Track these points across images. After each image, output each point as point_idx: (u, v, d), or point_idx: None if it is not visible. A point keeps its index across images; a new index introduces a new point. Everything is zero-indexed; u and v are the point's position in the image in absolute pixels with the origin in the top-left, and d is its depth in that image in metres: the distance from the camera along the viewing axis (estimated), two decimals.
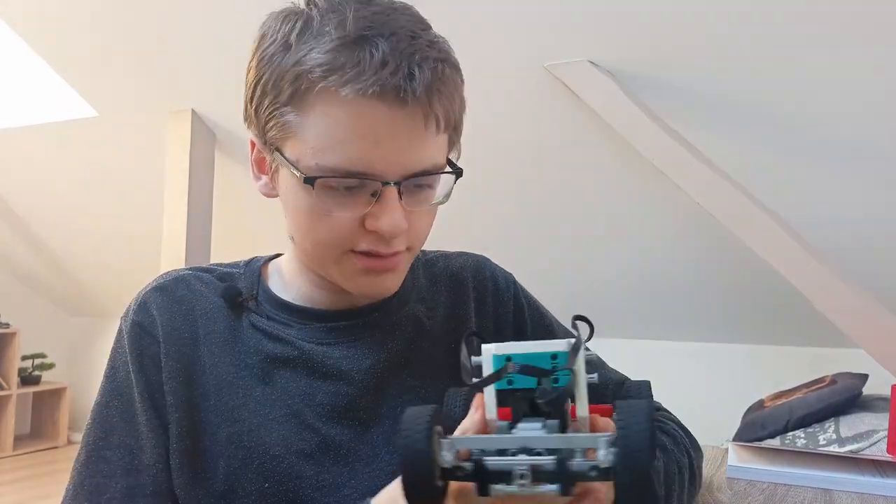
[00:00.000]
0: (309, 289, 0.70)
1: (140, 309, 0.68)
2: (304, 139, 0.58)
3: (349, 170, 0.57)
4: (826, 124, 1.81)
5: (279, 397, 0.65)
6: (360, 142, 0.57)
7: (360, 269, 0.62)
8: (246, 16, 2.06)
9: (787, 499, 0.82)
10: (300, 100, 0.57)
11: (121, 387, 0.66)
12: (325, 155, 0.57)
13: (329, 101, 0.56)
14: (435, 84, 0.57)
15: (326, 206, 0.59)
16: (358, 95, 0.55)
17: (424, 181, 0.61)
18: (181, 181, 2.57)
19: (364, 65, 0.55)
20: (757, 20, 1.65)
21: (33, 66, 2.63)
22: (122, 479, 0.64)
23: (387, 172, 0.58)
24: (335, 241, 0.61)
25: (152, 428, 0.64)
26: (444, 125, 0.60)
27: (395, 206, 0.59)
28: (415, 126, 0.58)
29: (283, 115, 0.59)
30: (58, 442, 4.12)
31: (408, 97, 0.56)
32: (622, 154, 2.05)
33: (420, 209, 0.62)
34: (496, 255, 0.85)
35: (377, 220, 0.59)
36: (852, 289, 1.58)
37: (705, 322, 2.58)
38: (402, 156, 0.58)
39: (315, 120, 0.57)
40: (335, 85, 0.55)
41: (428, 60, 0.57)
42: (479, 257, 0.82)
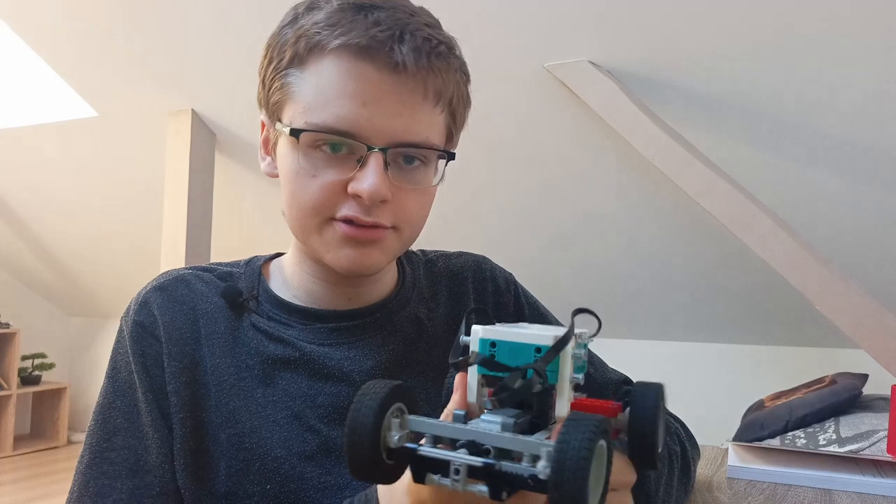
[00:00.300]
0: (309, 282, 0.70)
1: (141, 309, 0.67)
2: (298, 100, 0.60)
3: (334, 127, 0.58)
4: (826, 124, 1.81)
5: (280, 399, 0.65)
6: (347, 100, 0.58)
7: (340, 238, 0.62)
8: (246, 16, 2.07)
9: (787, 499, 0.82)
10: (299, 61, 0.60)
11: (123, 387, 0.66)
12: (314, 112, 0.59)
13: (322, 58, 0.58)
14: (426, 52, 0.58)
15: (313, 167, 0.60)
16: (345, 50, 0.57)
17: (415, 154, 0.61)
18: (181, 181, 2.57)
19: (357, 23, 0.57)
20: (757, 20, 1.65)
21: (33, 66, 2.63)
22: (128, 480, 0.63)
23: (373, 136, 0.58)
24: (317, 204, 0.61)
25: (157, 428, 0.64)
26: (434, 99, 0.61)
27: (377, 171, 0.58)
28: (404, 93, 0.58)
29: (285, 77, 0.61)
30: (58, 442, 4.12)
31: (395, 57, 0.57)
32: (622, 154, 2.05)
33: (407, 186, 0.62)
34: (495, 255, 0.85)
35: (358, 184, 0.59)
36: (853, 289, 1.58)
37: (705, 322, 2.58)
38: (390, 122, 0.59)
39: (308, 79, 0.59)
40: (327, 40, 0.58)
41: (421, 31, 0.59)
42: (479, 257, 0.81)
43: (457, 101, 0.64)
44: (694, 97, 1.87)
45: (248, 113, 2.49)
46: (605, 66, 1.88)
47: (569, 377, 0.45)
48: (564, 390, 0.44)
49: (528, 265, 2.49)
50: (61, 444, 4.12)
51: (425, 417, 0.43)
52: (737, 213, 1.70)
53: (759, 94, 1.80)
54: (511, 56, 1.92)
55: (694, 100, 1.88)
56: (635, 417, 0.45)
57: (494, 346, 0.46)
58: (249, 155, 2.68)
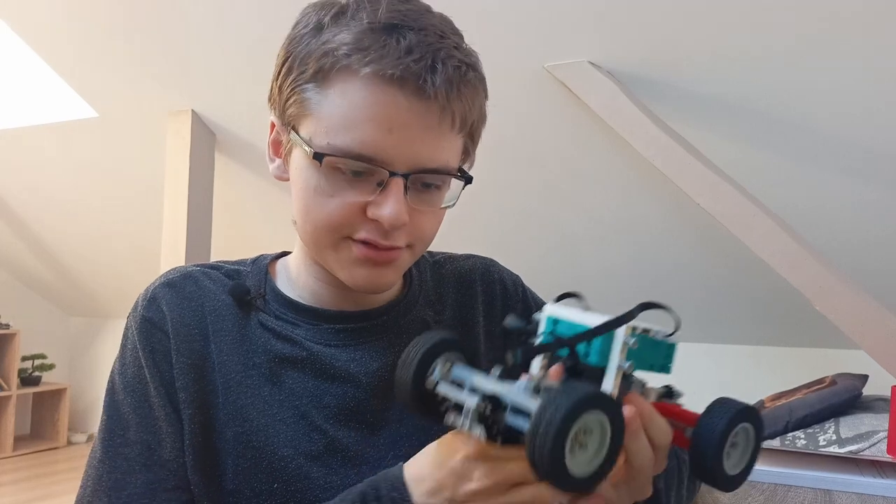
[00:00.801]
0: (315, 284, 0.70)
1: (150, 304, 0.67)
2: (320, 118, 0.58)
3: (359, 153, 0.57)
4: (826, 124, 1.81)
5: (286, 398, 0.65)
6: (374, 126, 0.57)
7: (356, 258, 0.62)
8: (246, 16, 2.07)
9: (787, 499, 0.82)
10: (322, 78, 0.58)
11: (133, 382, 0.66)
12: (338, 135, 0.57)
13: (349, 80, 0.57)
14: (456, 82, 0.58)
15: (332, 187, 0.59)
16: (377, 77, 0.56)
17: (432, 180, 0.61)
18: (181, 181, 2.57)
19: (389, 49, 0.56)
20: (757, 21, 1.65)
21: (33, 66, 2.63)
22: (142, 474, 0.63)
23: (395, 163, 0.58)
24: (335, 224, 0.60)
25: (171, 422, 0.64)
26: (459, 126, 0.60)
27: (398, 197, 0.58)
28: (430, 121, 0.58)
29: (304, 92, 0.59)
30: (58, 442, 4.12)
31: (427, 88, 0.56)
32: (622, 154, 2.05)
33: (424, 209, 0.62)
34: (496, 255, 0.85)
35: (379, 209, 0.58)
36: (852, 289, 1.58)
37: (705, 323, 2.58)
38: (414, 148, 0.58)
39: (333, 99, 0.58)
40: (357, 64, 0.56)
41: (453, 59, 0.58)
42: (487, 260, 0.81)
43: (476, 122, 0.64)
44: (694, 97, 1.87)
45: (248, 113, 2.49)
46: (605, 66, 1.88)
47: (616, 361, 0.46)
48: (611, 374, 0.46)
49: (527, 265, 2.49)
50: (61, 444, 4.12)
51: (469, 368, 0.49)
52: (737, 213, 1.70)
53: (759, 94, 1.80)
54: (511, 56, 1.92)
55: (694, 100, 1.87)
56: (698, 433, 0.46)
57: (557, 323, 0.49)
58: (249, 155, 2.68)
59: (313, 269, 0.69)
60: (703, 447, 0.46)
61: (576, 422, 0.39)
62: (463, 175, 0.64)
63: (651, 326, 0.47)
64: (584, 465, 0.41)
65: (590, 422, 0.41)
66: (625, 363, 0.46)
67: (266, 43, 2.09)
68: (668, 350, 0.49)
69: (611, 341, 0.46)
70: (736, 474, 0.48)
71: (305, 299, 0.70)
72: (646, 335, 0.47)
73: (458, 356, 0.51)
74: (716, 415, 0.47)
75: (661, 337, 0.48)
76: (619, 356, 0.46)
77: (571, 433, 0.39)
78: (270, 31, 2.14)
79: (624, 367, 0.46)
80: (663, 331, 0.48)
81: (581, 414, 0.39)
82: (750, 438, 0.48)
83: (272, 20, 2.01)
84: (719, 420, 0.46)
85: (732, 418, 0.46)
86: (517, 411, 0.44)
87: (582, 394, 0.40)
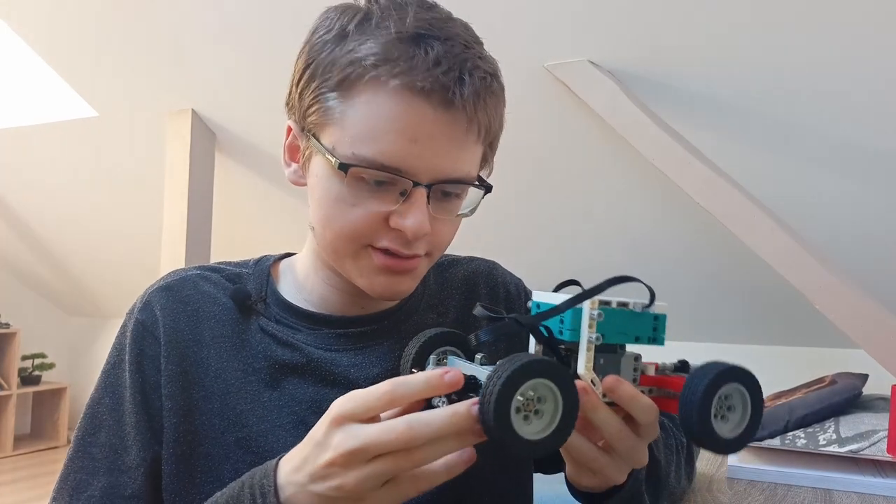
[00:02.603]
0: (323, 288, 0.69)
1: (144, 308, 0.67)
2: (344, 127, 0.58)
3: (384, 163, 0.57)
4: (826, 124, 1.81)
5: (286, 404, 0.65)
6: (400, 137, 0.57)
7: (376, 267, 0.62)
8: (246, 16, 2.07)
9: (787, 499, 0.82)
10: (348, 87, 0.58)
11: (115, 384, 0.66)
12: (363, 145, 0.57)
13: (376, 91, 0.57)
14: (482, 94, 0.58)
15: (354, 196, 0.59)
16: (406, 89, 0.56)
17: (453, 189, 0.62)
18: (181, 181, 2.57)
19: (417, 61, 0.56)
20: (757, 21, 1.65)
21: (33, 66, 2.63)
22: (104, 477, 0.64)
23: (419, 173, 0.58)
24: (356, 233, 0.60)
25: (140, 430, 0.64)
26: (482, 136, 0.61)
27: (422, 208, 0.58)
28: (456, 131, 0.58)
29: (327, 101, 0.59)
30: (58, 442, 4.12)
31: (455, 100, 0.56)
32: (622, 154, 2.05)
33: (445, 217, 0.62)
34: (495, 255, 0.85)
35: (402, 219, 0.58)
36: (852, 289, 1.58)
37: (705, 322, 2.58)
38: (438, 159, 0.58)
39: (359, 108, 0.57)
40: (385, 76, 0.56)
41: (479, 70, 0.58)
42: (490, 263, 0.81)
43: (497, 132, 0.65)
44: (694, 97, 1.87)
45: (248, 113, 2.49)
46: (605, 66, 1.88)
47: (586, 336, 0.47)
48: (583, 348, 0.47)
49: (527, 265, 2.49)
50: (61, 444, 4.12)
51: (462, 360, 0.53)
52: (737, 213, 1.71)
53: (759, 94, 1.80)
54: (511, 56, 1.91)
55: (694, 100, 1.87)
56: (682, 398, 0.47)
57: (539, 307, 0.50)
58: (249, 155, 2.68)
59: (324, 273, 0.69)
60: (688, 411, 0.46)
61: (520, 386, 0.41)
62: (483, 184, 0.64)
63: (629, 300, 0.48)
64: (537, 432, 0.42)
65: (539, 389, 0.42)
66: (593, 336, 0.46)
67: (266, 43, 2.10)
68: (655, 321, 0.49)
69: (580, 317, 0.47)
70: (734, 437, 0.47)
71: (312, 303, 0.70)
72: (623, 308, 0.48)
73: (454, 350, 0.53)
74: (697, 376, 0.47)
75: (641, 308, 0.48)
76: (588, 330, 0.46)
77: (516, 396, 0.41)
78: (271, 31, 2.15)
79: (593, 339, 0.46)
80: (643, 302, 0.49)
81: (525, 379, 0.41)
82: (746, 399, 0.48)
83: (272, 20, 2.01)
84: (700, 381, 0.46)
85: (714, 379, 0.46)
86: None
87: (526, 360, 0.41)
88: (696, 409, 0.45)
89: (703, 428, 0.45)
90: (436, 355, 0.53)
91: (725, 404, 0.47)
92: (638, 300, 0.48)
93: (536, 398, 0.42)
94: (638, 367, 0.50)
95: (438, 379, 0.45)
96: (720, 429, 0.46)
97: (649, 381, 0.51)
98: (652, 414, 0.49)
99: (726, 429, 0.47)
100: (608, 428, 0.48)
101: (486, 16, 1.81)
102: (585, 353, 0.47)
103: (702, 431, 0.45)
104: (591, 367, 0.47)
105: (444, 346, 0.53)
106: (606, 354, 0.48)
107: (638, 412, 0.49)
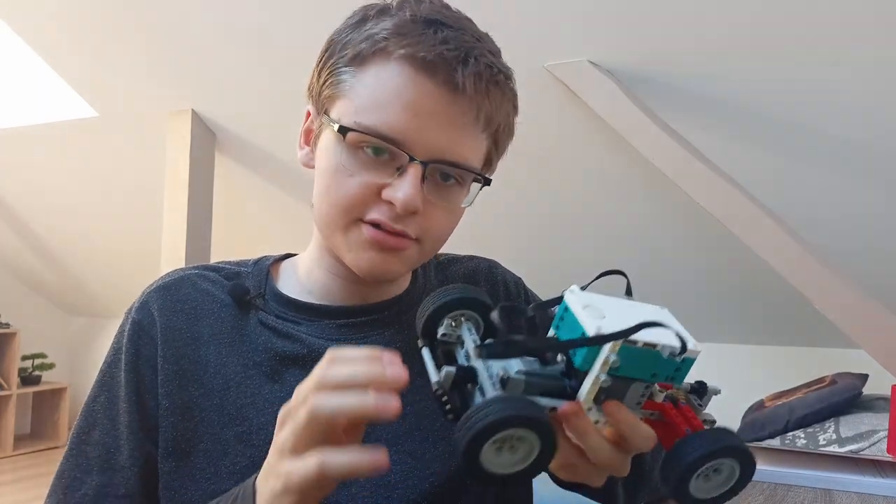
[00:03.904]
0: (326, 278, 0.70)
1: (141, 308, 0.68)
2: (352, 99, 0.60)
3: (383, 133, 0.59)
4: (825, 124, 1.81)
5: (287, 395, 0.65)
6: (401, 109, 0.58)
7: (365, 241, 0.62)
8: (246, 16, 2.07)
9: (787, 499, 0.82)
10: (360, 61, 0.61)
11: (111, 383, 0.67)
12: (366, 114, 0.59)
13: (384, 63, 0.59)
14: (486, 79, 0.60)
15: (353, 166, 0.61)
16: (410, 60, 0.58)
17: (451, 173, 0.63)
18: (181, 181, 2.57)
19: (426, 37, 0.59)
20: (757, 21, 1.65)
21: (33, 66, 2.63)
22: (98, 476, 0.64)
23: (416, 148, 0.59)
24: (349, 203, 0.61)
25: (133, 430, 0.65)
26: (484, 124, 0.62)
27: (414, 182, 0.59)
28: (457, 113, 0.60)
29: (340, 75, 0.62)
30: (58, 442, 4.12)
31: (457, 78, 0.58)
32: (622, 154, 2.05)
33: (439, 203, 0.63)
34: (494, 254, 0.85)
35: (394, 191, 0.59)
36: (852, 289, 1.58)
37: (704, 322, 2.58)
38: (436, 137, 0.60)
39: (367, 80, 0.60)
40: (393, 47, 0.59)
41: (485, 58, 0.61)
42: (490, 261, 0.82)
43: (502, 130, 0.66)
44: (694, 97, 1.87)
45: (248, 113, 2.49)
46: (605, 66, 1.88)
47: (597, 372, 0.44)
48: (588, 383, 0.45)
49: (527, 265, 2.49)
50: (61, 444, 4.12)
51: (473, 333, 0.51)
52: (737, 213, 1.71)
53: (759, 94, 1.80)
54: (511, 56, 1.91)
55: (694, 100, 1.87)
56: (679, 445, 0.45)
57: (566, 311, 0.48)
58: (249, 155, 2.68)
59: (326, 261, 0.70)
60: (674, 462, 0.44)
61: (495, 434, 0.40)
62: (482, 176, 0.65)
63: (658, 342, 0.44)
64: (507, 466, 0.42)
65: (518, 434, 0.41)
66: (602, 377, 0.44)
67: (267, 43, 2.10)
68: (679, 364, 0.46)
69: (596, 353, 0.45)
70: (702, 498, 0.46)
71: (315, 295, 0.70)
72: (648, 349, 0.45)
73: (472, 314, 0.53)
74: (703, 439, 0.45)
75: (668, 354, 0.45)
76: (600, 368, 0.44)
77: (489, 441, 0.40)
78: (271, 31, 2.15)
79: (602, 379, 0.44)
80: (671, 347, 0.45)
81: (502, 429, 0.40)
82: (735, 476, 0.46)
83: (272, 20, 2.01)
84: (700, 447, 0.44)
85: (715, 451, 0.44)
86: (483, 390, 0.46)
87: (511, 413, 0.40)
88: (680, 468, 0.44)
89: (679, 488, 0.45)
90: (451, 319, 0.52)
91: (713, 467, 0.45)
92: (667, 343, 0.45)
93: (516, 437, 0.41)
94: (646, 394, 0.47)
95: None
96: (696, 487, 0.45)
97: (653, 406, 0.48)
98: (650, 443, 0.47)
99: (704, 487, 0.46)
100: (597, 453, 0.47)
101: (487, 16, 1.80)
102: (589, 387, 0.45)
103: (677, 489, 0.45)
104: (591, 399, 0.45)
105: (464, 310, 0.52)
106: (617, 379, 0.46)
107: (635, 440, 0.47)
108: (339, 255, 0.65)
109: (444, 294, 0.53)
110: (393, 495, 0.64)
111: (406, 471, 0.65)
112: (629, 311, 0.47)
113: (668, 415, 0.49)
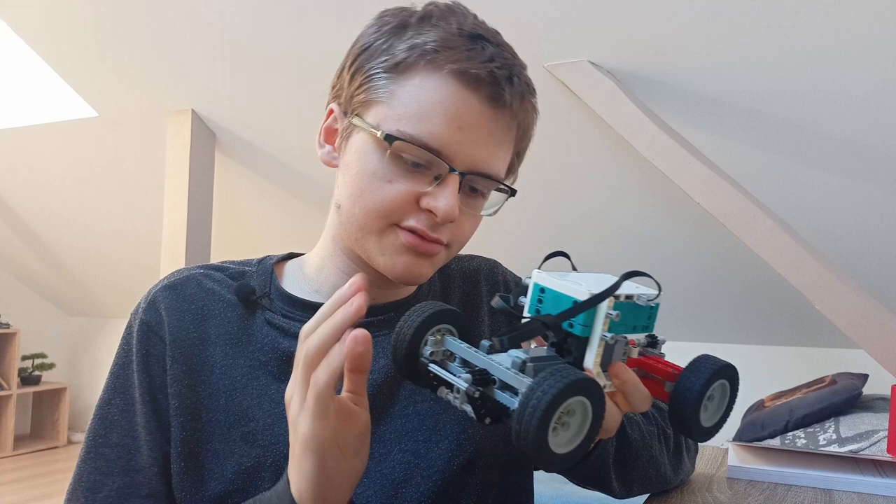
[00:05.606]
0: (337, 277, 0.70)
1: (149, 308, 0.68)
2: (393, 106, 0.61)
3: (427, 144, 0.59)
4: (825, 124, 1.81)
5: None
6: (446, 121, 0.60)
7: (401, 245, 0.63)
8: (246, 16, 2.07)
9: (787, 499, 0.82)
10: (403, 69, 0.61)
11: (124, 384, 0.67)
12: (410, 123, 0.60)
13: (431, 74, 0.60)
14: (526, 97, 0.64)
15: (390, 173, 0.61)
16: (460, 76, 0.60)
17: (482, 186, 0.64)
18: (181, 181, 2.57)
19: (475, 53, 0.61)
20: (757, 21, 1.65)
21: (33, 66, 2.63)
22: (119, 477, 0.64)
23: (457, 160, 0.60)
24: (386, 209, 0.62)
25: (150, 430, 0.65)
26: (518, 139, 0.66)
27: (454, 192, 0.61)
28: (497, 128, 0.62)
29: (379, 80, 0.62)
30: (58, 442, 4.12)
31: (504, 96, 0.61)
32: (622, 154, 2.05)
33: (469, 211, 0.65)
34: (495, 254, 0.85)
35: (435, 201, 0.60)
36: (852, 289, 1.58)
37: (704, 322, 2.58)
38: (478, 150, 0.61)
39: (410, 89, 0.61)
40: (443, 60, 0.60)
41: (524, 76, 0.64)
42: (491, 261, 0.82)
43: (526, 142, 0.69)
44: (694, 97, 1.87)
45: (248, 113, 2.49)
46: (605, 66, 1.88)
47: (599, 333, 0.47)
48: (594, 345, 0.48)
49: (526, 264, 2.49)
50: (61, 444, 4.12)
51: (459, 341, 0.51)
52: (737, 213, 1.71)
53: (759, 94, 1.80)
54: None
55: (694, 99, 1.88)
56: (678, 390, 0.49)
57: (543, 291, 0.50)
58: (249, 155, 2.68)
59: (340, 259, 0.70)
60: (682, 403, 0.49)
61: (560, 406, 0.41)
62: (510, 189, 0.67)
63: (634, 291, 0.49)
64: (564, 444, 0.43)
65: (573, 405, 0.43)
66: (607, 334, 0.47)
67: (267, 44, 2.10)
68: (651, 311, 0.51)
69: (594, 314, 0.48)
70: (710, 426, 0.51)
71: (322, 294, 0.70)
72: (630, 301, 0.49)
73: (449, 328, 0.53)
74: (695, 373, 0.49)
75: (645, 302, 0.49)
76: (602, 328, 0.47)
77: (555, 416, 0.41)
78: (271, 31, 2.15)
79: (607, 338, 0.47)
80: (646, 295, 0.49)
81: (566, 399, 0.41)
82: (726, 393, 0.51)
83: (272, 20, 2.02)
84: (697, 379, 0.49)
85: (710, 377, 0.49)
86: (505, 386, 0.46)
87: (569, 380, 0.41)
88: (689, 405, 0.48)
89: (691, 420, 0.49)
90: (432, 335, 0.52)
91: (709, 395, 0.50)
92: (641, 292, 0.49)
93: (567, 412, 0.43)
94: (626, 352, 0.51)
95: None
96: (702, 418, 0.50)
97: (634, 363, 0.52)
98: (648, 403, 0.52)
99: (705, 417, 0.50)
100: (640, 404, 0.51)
101: (487, 16, 1.81)
102: (596, 349, 0.48)
103: (690, 423, 0.49)
104: (598, 362, 0.48)
105: (440, 325, 0.53)
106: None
107: (636, 400, 0.51)
108: (369, 257, 0.65)
109: (417, 313, 0.52)
110: (397, 494, 0.64)
111: (410, 469, 0.65)
112: (589, 278, 0.50)
113: (650, 367, 0.52)
